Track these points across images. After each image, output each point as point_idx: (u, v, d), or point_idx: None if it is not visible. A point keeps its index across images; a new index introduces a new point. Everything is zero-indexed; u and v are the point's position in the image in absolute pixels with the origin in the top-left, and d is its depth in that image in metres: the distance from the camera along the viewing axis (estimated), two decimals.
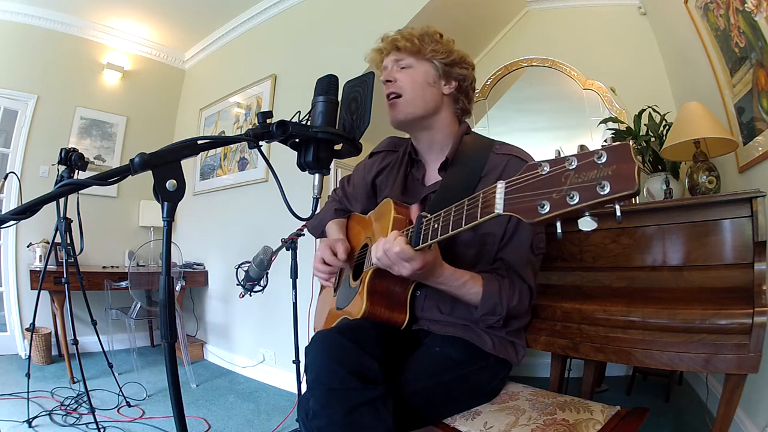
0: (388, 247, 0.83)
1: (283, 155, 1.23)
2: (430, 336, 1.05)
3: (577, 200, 0.51)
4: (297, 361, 1.76)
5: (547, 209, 0.54)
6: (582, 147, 0.53)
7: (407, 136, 1.22)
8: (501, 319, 0.97)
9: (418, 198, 1.11)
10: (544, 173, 0.56)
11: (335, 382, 0.80)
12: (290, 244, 1.71)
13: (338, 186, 1.40)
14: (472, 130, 1.18)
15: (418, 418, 0.93)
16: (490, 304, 0.95)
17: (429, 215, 0.81)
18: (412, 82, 1.07)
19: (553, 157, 0.56)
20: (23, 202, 0.61)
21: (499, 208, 0.61)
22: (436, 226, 0.77)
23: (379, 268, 0.89)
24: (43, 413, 2.00)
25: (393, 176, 1.19)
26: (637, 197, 2.25)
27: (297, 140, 0.78)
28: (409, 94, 1.07)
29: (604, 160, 0.50)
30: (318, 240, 1.53)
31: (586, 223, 0.53)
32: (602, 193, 0.49)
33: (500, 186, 0.62)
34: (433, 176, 1.14)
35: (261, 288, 1.73)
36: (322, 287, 1.33)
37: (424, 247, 0.80)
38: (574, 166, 0.53)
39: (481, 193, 0.67)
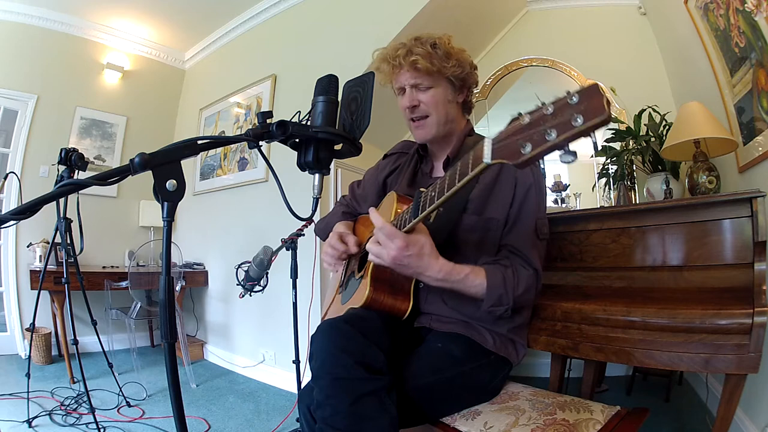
0: (374, 232, 0.87)
1: (283, 155, 1.24)
2: (432, 333, 1.06)
3: (554, 135, 0.55)
4: (297, 361, 1.75)
5: (529, 149, 0.58)
6: (558, 98, 0.58)
7: None
8: (508, 308, 0.97)
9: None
10: (525, 122, 0.59)
11: (341, 370, 0.81)
12: (290, 244, 1.71)
13: (347, 192, 1.44)
14: (474, 129, 1.22)
15: (418, 414, 0.94)
16: (495, 295, 0.95)
17: (425, 189, 0.83)
18: (436, 103, 1.10)
19: (533, 108, 0.60)
20: (23, 202, 0.61)
21: (487, 158, 0.64)
22: (432, 194, 0.79)
23: None
24: (43, 413, 2.00)
25: (403, 174, 1.24)
26: (637, 197, 2.26)
27: (297, 140, 0.78)
28: (435, 116, 1.11)
29: (576, 100, 0.53)
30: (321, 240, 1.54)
31: (565, 157, 0.56)
32: (576, 125, 0.53)
33: (487, 140, 0.65)
34: (440, 171, 1.18)
35: (261, 288, 1.73)
36: (333, 298, 1.34)
37: (420, 218, 0.82)
38: (551, 111, 0.56)
39: (471, 151, 0.70)
